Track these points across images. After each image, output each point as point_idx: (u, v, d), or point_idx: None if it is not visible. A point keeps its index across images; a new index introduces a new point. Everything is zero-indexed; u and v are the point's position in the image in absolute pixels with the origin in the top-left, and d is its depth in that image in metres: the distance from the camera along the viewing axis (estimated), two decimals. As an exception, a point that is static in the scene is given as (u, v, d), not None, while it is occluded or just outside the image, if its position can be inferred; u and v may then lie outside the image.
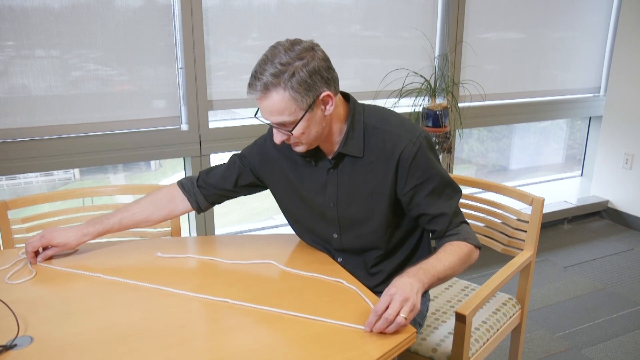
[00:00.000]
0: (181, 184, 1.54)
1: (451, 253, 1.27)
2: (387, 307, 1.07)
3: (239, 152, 1.54)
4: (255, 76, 1.20)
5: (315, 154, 1.36)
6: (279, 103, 1.19)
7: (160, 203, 1.52)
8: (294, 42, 1.21)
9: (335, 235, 1.42)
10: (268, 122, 1.26)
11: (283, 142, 1.30)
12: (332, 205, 1.38)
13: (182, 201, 1.53)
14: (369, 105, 1.37)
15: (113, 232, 1.47)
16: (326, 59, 1.23)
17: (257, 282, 1.30)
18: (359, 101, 1.36)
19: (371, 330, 1.07)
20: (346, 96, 1.35)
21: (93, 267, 1.35)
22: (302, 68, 1.18)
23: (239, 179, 1.50)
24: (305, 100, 1.20)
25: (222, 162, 1.55)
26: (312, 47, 1.22)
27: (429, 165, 1.30)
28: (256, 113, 1.28)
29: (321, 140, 1.32)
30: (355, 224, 1.38)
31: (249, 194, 1.56)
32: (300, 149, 1.31)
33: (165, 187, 1.55)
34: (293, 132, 1.24)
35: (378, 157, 1.31)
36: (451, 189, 1.35)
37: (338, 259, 1.45)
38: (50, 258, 1.39)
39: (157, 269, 1.36)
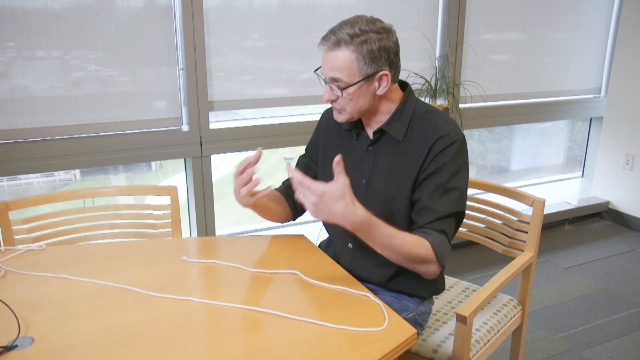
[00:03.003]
0: (277, 189, 1.61)
1: (407, 242, 1.25)
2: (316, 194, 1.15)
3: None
4: (332, 31, 1.29)
5: (358, 128, 1.45)
6: (343, 61, 1.28)
7: (281, 201, 1.57)
8: (376, 19, 1.32)
9: None
10: (324, 78, 1.33)
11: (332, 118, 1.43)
12: (364, 182, 1.43)
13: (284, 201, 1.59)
14: (421, 100, 1.45)
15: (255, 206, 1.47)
16: (397, 45, 1.34)
17: (260, 285, 1.30)
18: None
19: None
20: (404, 86, 1.43)
21: (94, 272, 1.35)
22: (375, 41, 1.28)
23: (307, 172, 1.56)
24: (366, 70, 1.29)
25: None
26: (390, 30, 1.33)
27: (452, 163, 1.33)
28: (317, 69, 1.37)
29: (364, 115, 1.40)
30: (381, 203, 1.40)
31: None
32: (341, 117, 1.38)
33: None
34: (343, 92, 1.31)
35: (417, 144, 1.36)
36: (456, 198, 1.34)
37: (349, 245, 1.47)
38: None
39: (160, 271, 1.36)
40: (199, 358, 0.99)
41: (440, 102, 2.91)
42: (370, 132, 1.43)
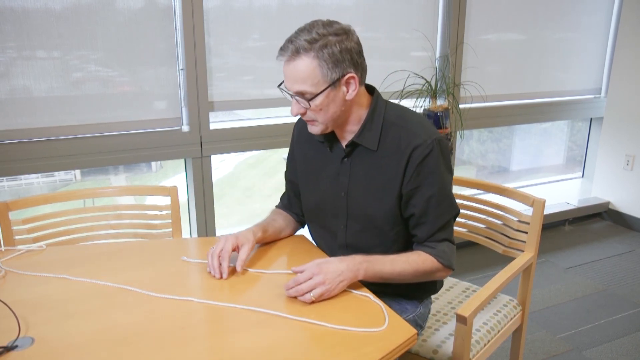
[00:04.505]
0: (277, 207, 1.62)
1: (409, 263, 1.30)
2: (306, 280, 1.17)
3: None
4: (290, 40, 1.23)
5: (331, 139, 1.40)
6: (305, 70, 1.21)
7: (286, 218, 1.57)
8: (333, 21, 1.26)
9: (342, 227, 1.43)
10: (289, 93, 1.27)
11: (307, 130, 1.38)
12: (343, 194, 1.40)
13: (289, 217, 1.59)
14: (391, 103, 1.40)
15: (265, 240, 1.48)
16: (359, 45, 1.28)
17: (260, 285, 1.30)
18: None
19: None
20: (371, 89, 1.38)
21: (94, 272, 1.35)
22: (335, 43, 1.22)
23: (293, 190, 1.57)
24: (330, 75, 1.23)
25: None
26: (349, 30, 1.26)
27: (436, 170, 1.30)
28: (280, 84, 1.28)
29: (337, 125, 1.34)
30: (363, 215, 1.38)
31: None
32: (315, 129, 1.33)
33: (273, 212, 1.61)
34: (311, 103, 1.25)
35: (392, 153, 1.32)
36: (449, 204, 1.35)
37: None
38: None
39: (160, 271, 1.36)
40: (199, 358, 0.99)
41: (441, 103, 2.91)
42: (343, 144, 1.38)
